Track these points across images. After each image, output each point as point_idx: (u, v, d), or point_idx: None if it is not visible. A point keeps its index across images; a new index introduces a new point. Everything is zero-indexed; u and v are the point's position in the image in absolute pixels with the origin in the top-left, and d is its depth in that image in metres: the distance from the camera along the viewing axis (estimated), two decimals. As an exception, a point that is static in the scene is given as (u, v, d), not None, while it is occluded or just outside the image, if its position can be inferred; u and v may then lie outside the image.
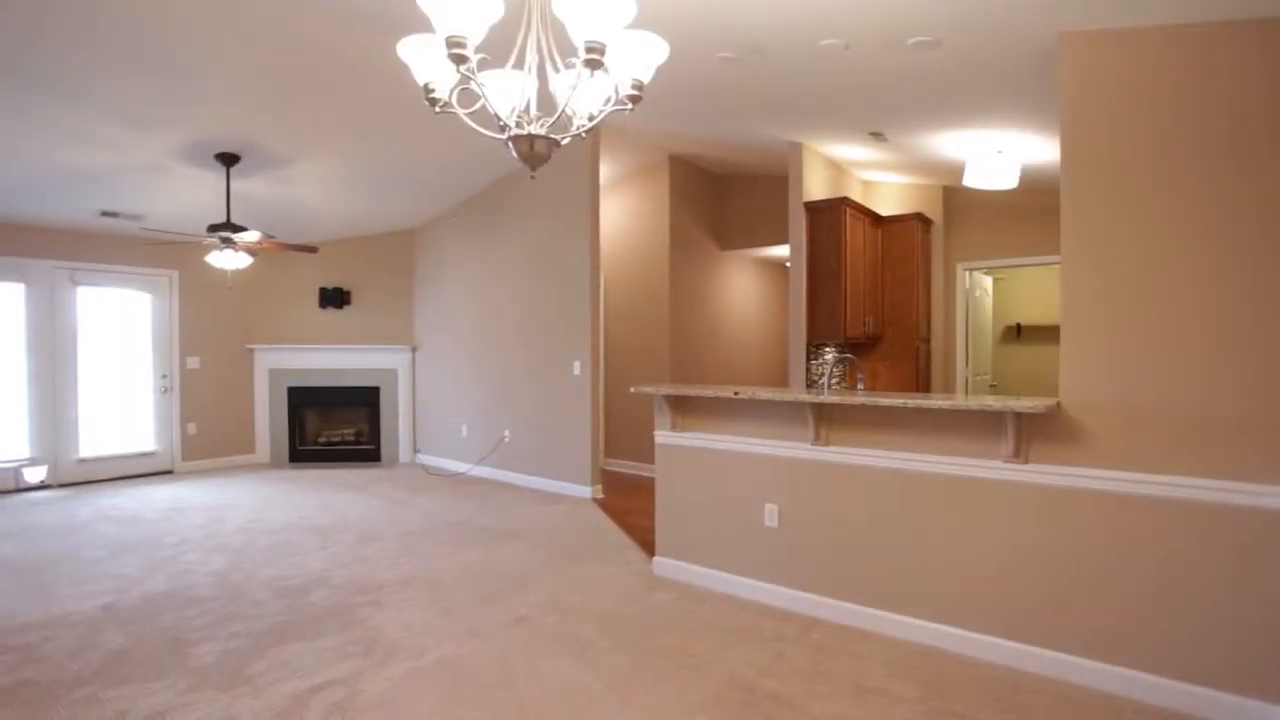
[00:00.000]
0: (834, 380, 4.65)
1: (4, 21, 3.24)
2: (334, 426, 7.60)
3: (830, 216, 5.40)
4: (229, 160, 5.11)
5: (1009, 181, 4.59)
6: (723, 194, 7.14)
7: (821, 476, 3.17)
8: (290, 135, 4.89)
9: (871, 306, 5.82)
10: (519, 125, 1.63)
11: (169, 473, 6.83)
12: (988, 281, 6.89)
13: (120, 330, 6.67)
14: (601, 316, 6.64)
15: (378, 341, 7.43)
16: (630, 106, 1.61)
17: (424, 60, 1.60)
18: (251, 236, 5.19)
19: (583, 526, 4.77)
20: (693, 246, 6.81)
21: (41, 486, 6.11)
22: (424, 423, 7.40)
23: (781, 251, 7.10)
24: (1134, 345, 2.50)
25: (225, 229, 5.13)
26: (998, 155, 4.55)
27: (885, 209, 6.25)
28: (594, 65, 1.44)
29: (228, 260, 5.31)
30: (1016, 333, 7.52)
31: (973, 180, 4.64)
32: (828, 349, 5.77)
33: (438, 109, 1.66)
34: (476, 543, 4.37)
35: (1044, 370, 7.18)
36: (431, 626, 3.05)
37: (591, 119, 1.70)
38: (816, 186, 5.56)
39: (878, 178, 6.29)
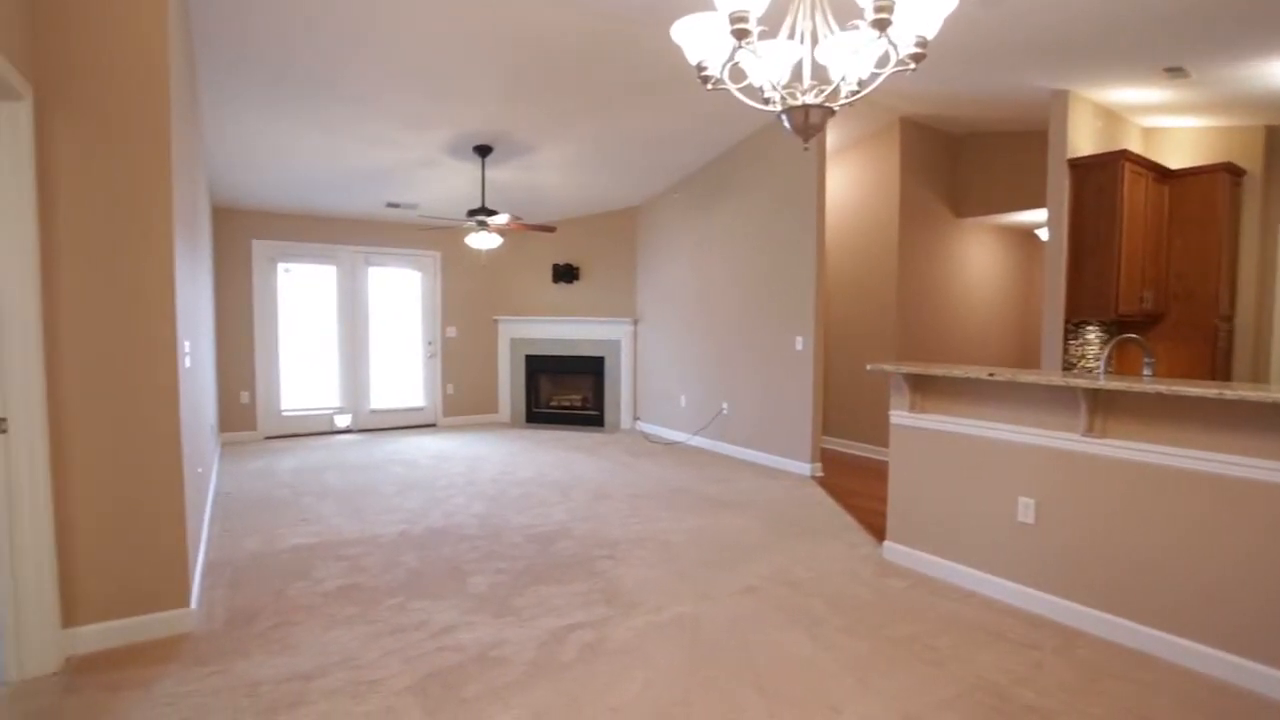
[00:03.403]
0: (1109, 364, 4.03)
1: (322, 54, 3.95)
2: (563, 392, 8.32)
3: (1102, 174, 4.66)
4: (484, 151, 5.75)
5: (1376, 115, 3.57)
6: (960, 156, 6.48)
7: (1092, 472, 2.79)
8: (534, 124, 5.36)
9: (1152, 278, 4.95)
10: (791, 96, 1.61)
11: (433, 426, 7.99)
12: (1324, 245, 5.47)
13: (397, 303, 7.90)
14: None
15: (603, 314, 7.95)
16: (913, 66, 1.51)
17: (697, 39, 1.64)
18: (502, 219, 5.80)
19: (804, 503, 4.72)
20: (925, 215, 6.29)
21: (346, 431, 7.51)
22: (644, 392, 7.80)
23: (1031, 217, 6.29)
24: None
25: (481, 213, 5.80)
26: (1360, 83, 3.56)
27: (1175, 160, 5.23)
28: (882, 25, 1.37)
29: (482, 241, 6.00)
30: (1364, 310, 5.89)
31: (1317, 118, 3.69)
32: (1090, 327, 5.03)
33: (709, 87, 1.70)
34: (699, 510, 4.53)
35: (1406, 358, 5.55)
36: (665, 585, 3.24)
37: (862, 84, 1.63)
38: (1083, 140, 4.82)
39: (1166, 123, 5.27)
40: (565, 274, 7.99)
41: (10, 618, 2.31)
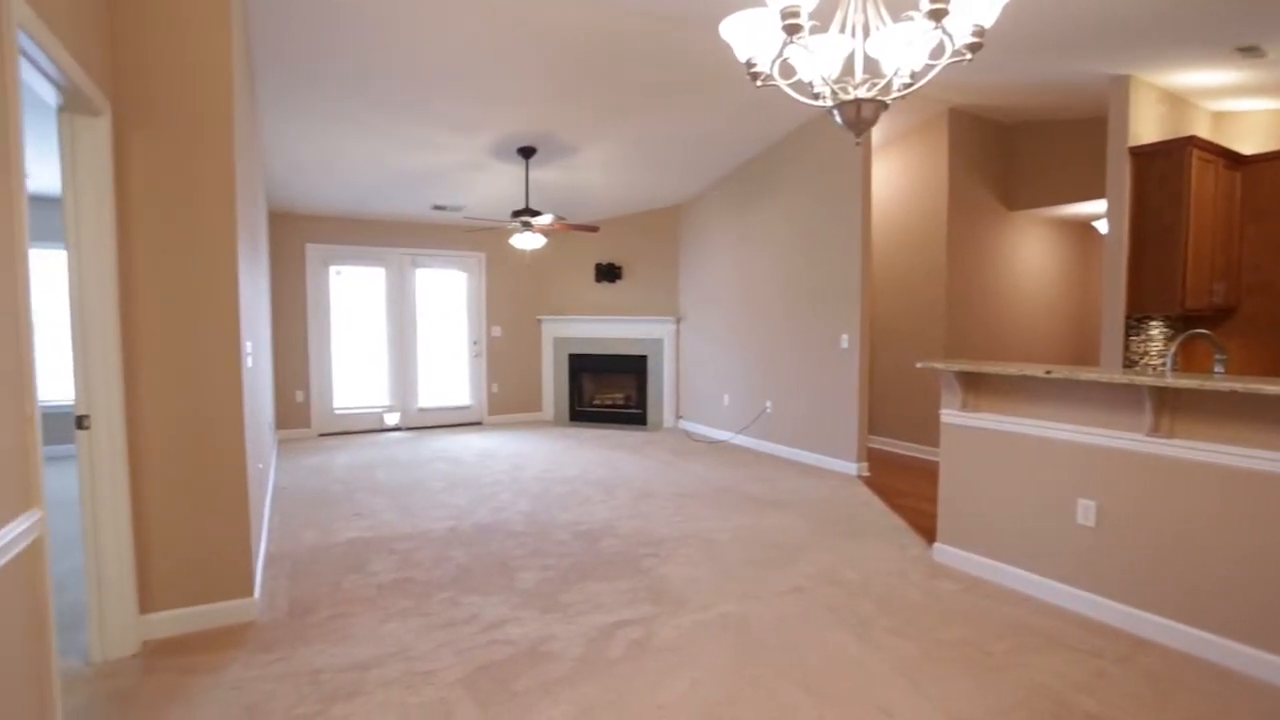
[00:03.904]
0: (1175, 361, 3.86)
1: (368, 60, 4.06)
2: (606, 391, 8.37)
3: (1166, 162, 4.46)
4: (527, 153, 5.82)
5: None
6: (1012, 147, 6.28)
7: (1158, 474, 2.68)
8: (577, 125, 5.40)
9: (1223, 270, 4.71)
10: (843, 90, 1.59)
11: (479, 424, 8.13)
12: None
13: (443, 304, 8.06)
14: (867, 287, 6.31)
15: (645, 313, 7.97)
16: (969, 56, 1.47)
17: (746, 36, 1.63)
18: (546, 219, 5.86)
19: (851, 503, 4.65)
20: (974, 208, 6.12)
21: (395, 428, 7.71)
22: (687, 391, 7.79)
23: (1088, 209, 6.06)
24: None
25: (525, 214, 5.87)
26: None
27: (1248, 145, 4.97)
28: (939, 16, 1.35)
29: (527, 241, 6.08)
30: None
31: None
32: (1153, 323, 4.82)
33: (758, 83, 1.69)
34: (744, 509, 4.51)
35: None
36: (711, 584, 3.24)
37: (915, 77, 1.60)
38: (1145, 127, 4.62)
39: (1237, 106, 5.01)
40: (608, 273, 8.04)
41: (94, 603, 2.46)
